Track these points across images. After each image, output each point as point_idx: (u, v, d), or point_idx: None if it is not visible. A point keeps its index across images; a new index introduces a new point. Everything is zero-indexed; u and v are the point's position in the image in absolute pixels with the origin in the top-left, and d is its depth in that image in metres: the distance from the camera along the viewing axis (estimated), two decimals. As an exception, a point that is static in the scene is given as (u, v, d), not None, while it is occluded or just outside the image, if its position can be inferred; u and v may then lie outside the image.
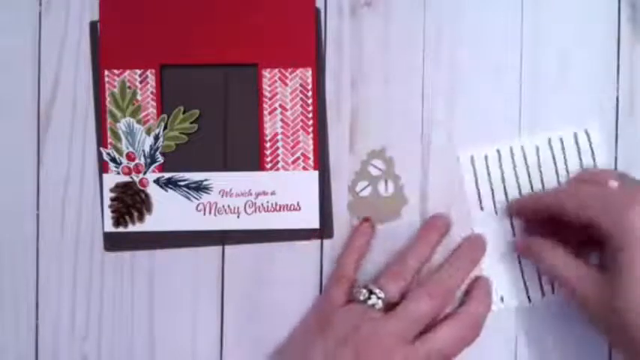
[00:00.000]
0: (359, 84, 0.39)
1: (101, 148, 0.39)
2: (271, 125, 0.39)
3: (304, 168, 0.39)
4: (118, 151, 0.39)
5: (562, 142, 0.39)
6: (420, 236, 0.37)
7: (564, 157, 0.39)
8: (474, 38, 0.39)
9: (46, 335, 0.39)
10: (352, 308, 0.35)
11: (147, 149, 0.39)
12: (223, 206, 0.39)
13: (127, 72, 0.39)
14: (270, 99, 0.39)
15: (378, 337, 0.33)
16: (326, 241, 0.39)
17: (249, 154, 0.39)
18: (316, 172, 0.39)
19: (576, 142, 0.39)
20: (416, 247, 0.37)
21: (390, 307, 0.35)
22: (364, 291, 0.35)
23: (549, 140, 0.39)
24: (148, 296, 0.39)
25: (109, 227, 0.39)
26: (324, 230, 0.39)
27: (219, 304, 0.39)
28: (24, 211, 0.39)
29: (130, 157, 0.39)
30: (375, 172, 0.39)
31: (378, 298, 0.35)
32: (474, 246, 0.37)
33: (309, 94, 0.39)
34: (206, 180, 0.39)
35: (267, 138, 0.39)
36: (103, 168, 0.39)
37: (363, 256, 0.38)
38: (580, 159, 0.39)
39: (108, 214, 0.39)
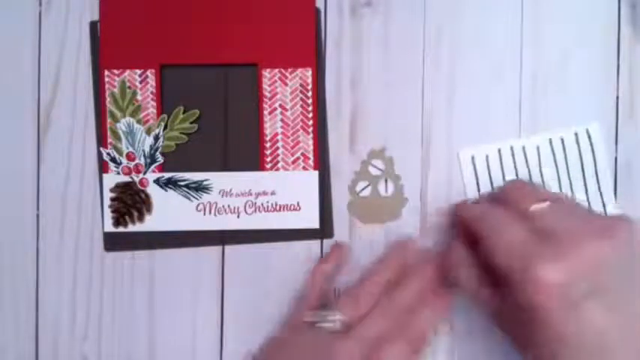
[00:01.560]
0: (359, 84, 0.39)
1: (101, 148, 0.39)
2: (271, 125, 0.39)
3: (304, 168, 0.39)
4: (118, 151, 0.39)
5: (563, 142, 0.39)
6: (383, 259, 0.37)
7: (565, 157, 0.39)
8: (474, 38, 0.39)
9: (46, 335, 0.39)
10: (310, 331, 0.35)
11: (147, 149, 0.39)
12: (223, 206, 0.39)
13: (127, 72, 0.39)
14: (270, 99, 0.39)
15: (334, 359, 0.33)
16: (326, 241, 0.39)
17: (249, 154, 0.39)
18: (316, 172, 0.39)
19: (577, 142, 0.39)
20: (378, 270, 0.36)
21: (348, 328, 0.34)
22: (320, 313, 0.35)
23: (550, 140, 0.39)
24: (148, 296, 0.39)
25: (109, 227, 0.39)
26: (324, 230, 0.39)
27: (219, 304, 0.39)
28: (24, 211, 0.39)
29: (130, 157, 0.39)
30: (375, 172, 0.39)
31: (335, 320, 0.34)
32: (426, 264, 0.36)
33: (309, 94, 0.39)
34: (206, 180, 0.39)
35: (267, 138, 0.39)
36: (103, 168, 0.39)
37: (331, 279, 0.37)
38: (581, 158, 0.39)
39: (108, 214, 0.39)
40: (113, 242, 0.39)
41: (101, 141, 0.39)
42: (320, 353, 0.33)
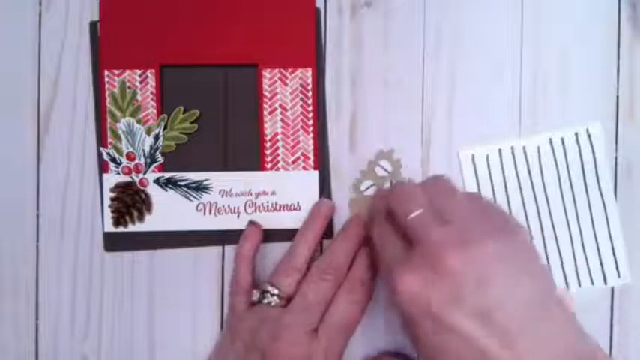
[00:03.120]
0: (359, 84, 0.39)
1: (101, 148, 0.39)
2: (271, 125, 0.39)
3: (304, 168, 0.39)
4: (118, 151, 0.39)
5: (563, 142, 0.39)
6: (306, 225, 0.37)
7: (565, 157, 0.39)
8: (474, 38, 0.39)
9: (46, 335, 0.39)
10: (252, 311, 0.35)
11: (147, 149, 0.39)
12: (223, 206, 0.39)
13: (127, 72, 0.39)
14: (270, 99, 0.39)
15: (280, 333, 0.33)
16: (326, 242, 0.39)
17: (249, 154, 0.39)
18: (316, 172, 0.39)
19: (577, 142, 0.39)
20: (303, 236, 0.37)
21: (289, 300, 0.35)
22: (256, 292, 0.35)
23: (550, 140, 0.39)
24: (148, 296, 0.39)
25: (109, 227, 0.39)
26: (324, 230, 0.39)
27: (219, 304, 0.39)
28: (24, 211, 0.39)
29: (130, 157, 0.39)
30: (381, 173, 0.39)
31: (272, 295, 0.35)
32: (357, 224, 0.37)
33: (309, 94, 0.39)
34: (206, 180, 0.39)
35: (267, 138, 0.39)
36: (103, 168, 0.39)
37: (254, 259, 0.37)
38: (581, 158, 0.39)
39: (108, 214, 0.39)
40: (113, 242, 0.39)
41: (101, 141, 0.39)
42: (270, 331, 0.34)
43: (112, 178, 0.39)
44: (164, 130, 0.39)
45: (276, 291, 0.35)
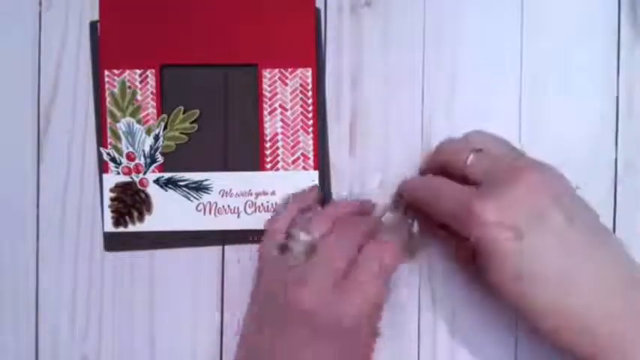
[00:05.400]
0: (359, 84, 0.39)
1: (101, 148, 0.39)
2: (271, 125, 0.39)
3: (304, 168, 0.39)
4: (118, 151, 0.39)
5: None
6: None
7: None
8: (474, 38, 0.39)
9: (46, 335, 0.39)
10: (282, 258, 0.35)
11: (147, 149, 0.39)
12: (223, 206, 0.39)
13: (127, 72, 0.39)
14: (270, 99, 0.39)
15: (305, 280, 0.33)
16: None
17: (249, 154, 0.39)
18: (316, 172, 0.39)
19: None
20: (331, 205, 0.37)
21: (313, 249, 0.34)
22: (289, 234, 0.35)
23: None
24: (148, 296, 0.39)
25: (109, 227, 0.39)
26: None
27: (219, 304, 0.39)
28: (24, 211, 0.39)
29: (130, 157, 0.39)
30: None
31: (299, 241, 0.34)
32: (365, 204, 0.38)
33: (309, 94, 0.39)
34: (206, 180, 0.39)
35: (267, 138, 0.39)
36: (103, 168, 0.39)
37: (298, 215, 0.36)
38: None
39: (108, 214, 0.39)
40: (113, 242, 0.39)
41: (101, 141, 0.39)
42: (296, 277, 0.33)
43: (112, 178, 0.39)
44: (164, 130, 0.39)
45: (303, 237, 0.34)
